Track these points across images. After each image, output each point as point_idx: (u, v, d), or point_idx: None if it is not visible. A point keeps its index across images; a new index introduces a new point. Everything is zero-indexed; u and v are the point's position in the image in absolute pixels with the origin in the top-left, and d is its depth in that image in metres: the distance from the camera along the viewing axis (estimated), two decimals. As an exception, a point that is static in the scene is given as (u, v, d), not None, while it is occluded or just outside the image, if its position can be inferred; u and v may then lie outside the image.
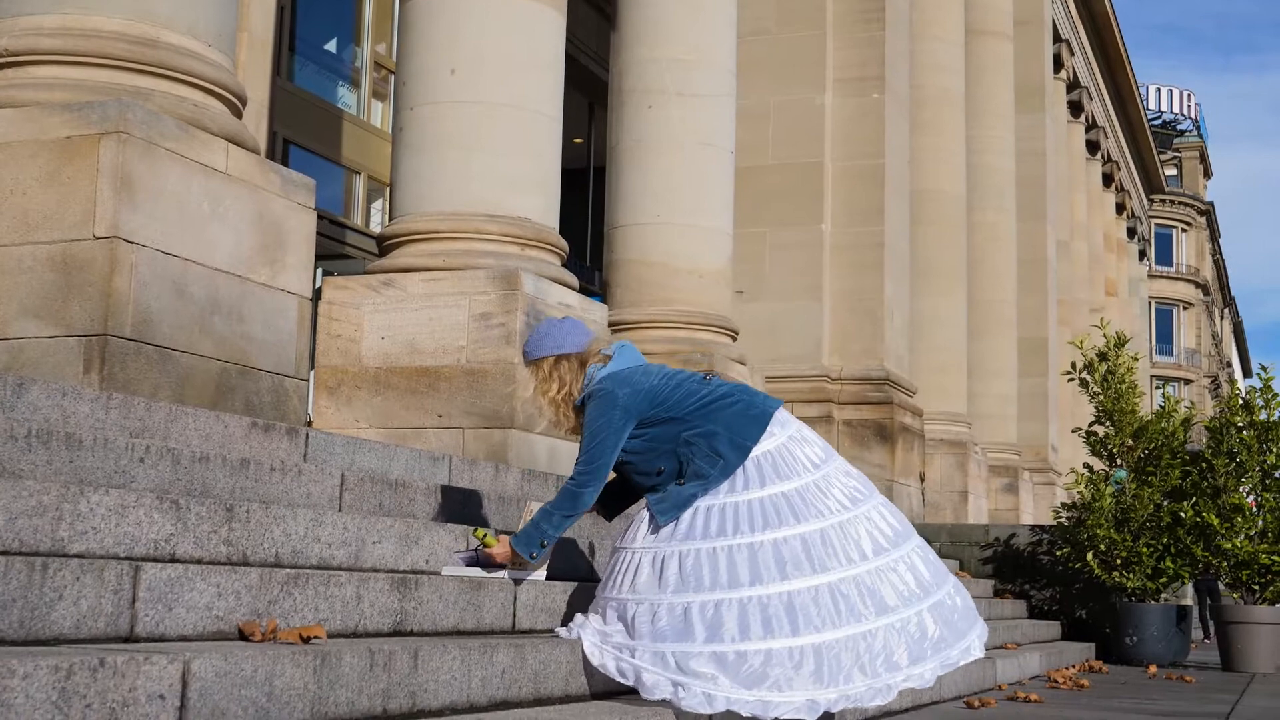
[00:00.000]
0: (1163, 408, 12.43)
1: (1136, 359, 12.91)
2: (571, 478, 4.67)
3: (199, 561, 3.75)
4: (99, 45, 5.62)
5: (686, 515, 4.51)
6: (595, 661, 4.37)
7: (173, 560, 3.66)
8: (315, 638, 3.51)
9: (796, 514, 4.51)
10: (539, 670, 4.14)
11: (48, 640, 3.04)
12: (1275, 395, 11.65)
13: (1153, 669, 10.87)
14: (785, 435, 4.67)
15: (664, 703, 4.28)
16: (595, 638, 4.41)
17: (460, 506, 5.58)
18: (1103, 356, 12.51)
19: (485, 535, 4.74)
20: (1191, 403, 13.38)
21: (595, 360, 4.78)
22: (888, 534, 4.61)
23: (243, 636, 3.49)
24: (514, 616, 4.66)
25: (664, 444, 4.63)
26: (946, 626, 4.56)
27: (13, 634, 2.97)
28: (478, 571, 4.72)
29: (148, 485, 4.13)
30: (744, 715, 4.25)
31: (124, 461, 4.08)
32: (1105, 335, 12.64)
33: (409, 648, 3.63)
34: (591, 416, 4.67)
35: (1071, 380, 12.85)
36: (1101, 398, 12.39)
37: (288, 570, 3.80)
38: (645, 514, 4.60)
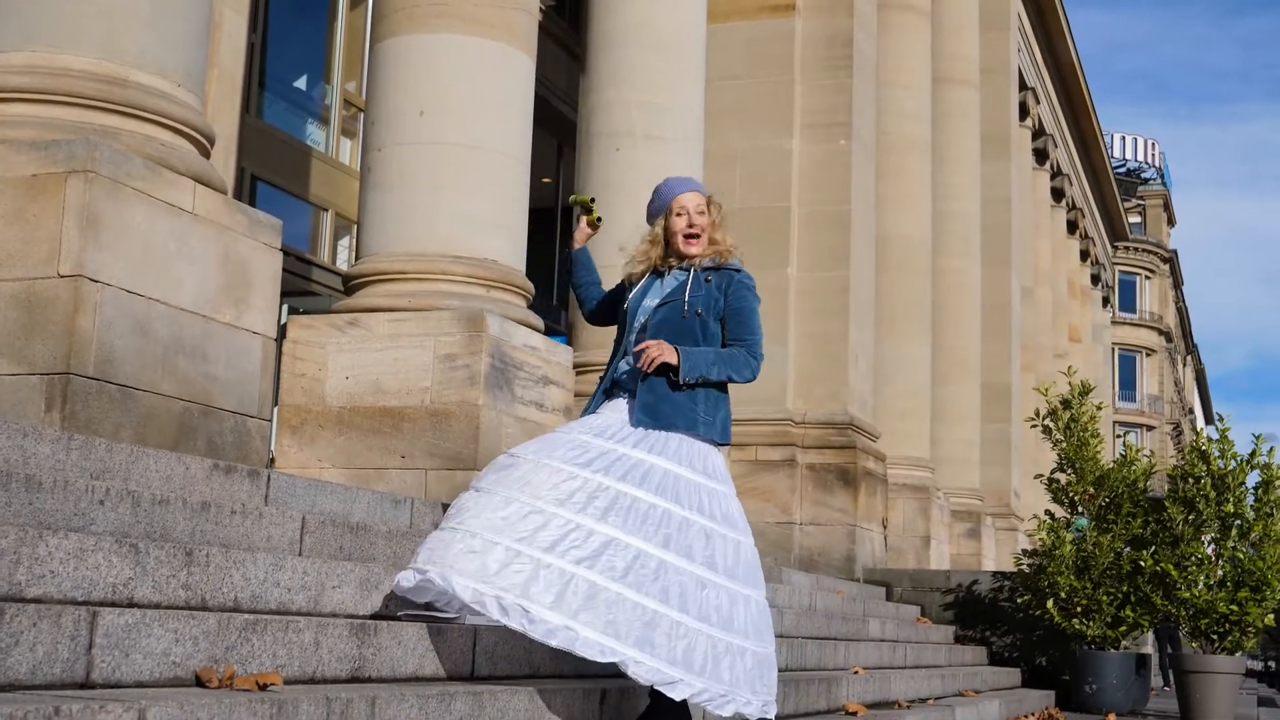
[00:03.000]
0: (1124, 456, 12.51)
1: (1100, 408, 12.99)
2: (752, 353, 4.92)
3: (157, 606, 3.73)
4: (67, 84, 5.62)
5: (611, 453, 4.60)
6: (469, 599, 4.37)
7: (131, 605, 3.65)
8: (271, 685, 3.50)
9: (696, 503, 4.60)
10: (496, 718, 4.13)
11: (3, 686, 3.02)
12: (1231, 445, 11.75)
13: (1111, 717, 10.90)
14: None
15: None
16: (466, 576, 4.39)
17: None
18: (1066, 404, 12.60)
19: (588, 200, 4.95)
20: (1152, 451, 13.44)
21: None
22: (749, 567, 4.67)
23: (200, 683, 3.47)
24: (473, 663, 4.65)
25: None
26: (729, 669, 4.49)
27: (-33, 680, 2.96)
28: (435, 615, 4.72)
29: (107, 528, 4.11)
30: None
31: (84, 504, 4.06)
32: (1070, 383, 12.73)
33: (366, 695, 3.62)
34: (748, 299, 4.98)
35: (1035, 427, 12.93)
36: (1064, 445, 12.47)
37: (246, 616, 3.78)
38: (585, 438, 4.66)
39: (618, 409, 4.83)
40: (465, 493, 4.62)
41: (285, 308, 13.48)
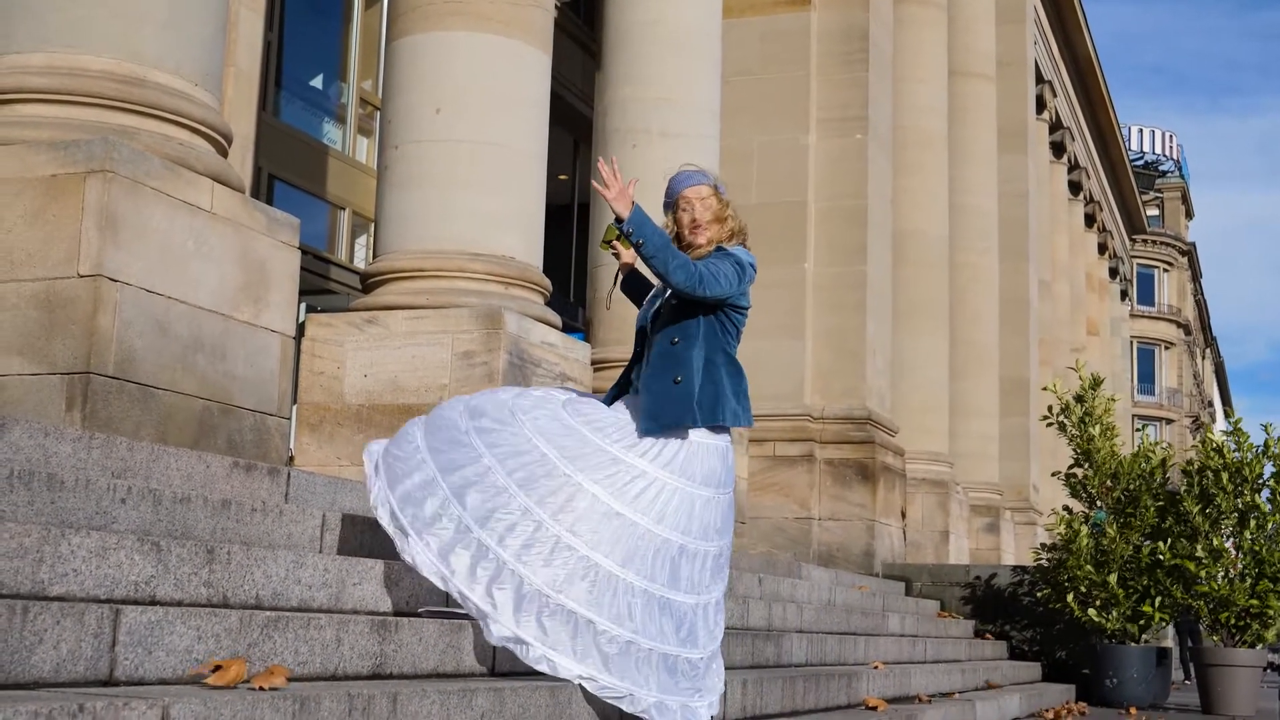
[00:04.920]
0: (1139, 449, 12.46)
1: (1114, 400, 12.95)
2: (701, 268, 4.72)
3: (179, 604, 3.74)
4: (86, 84, 5.64)
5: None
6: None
7: (153, 603, 3.66)
8: (275, 687, 3.47)
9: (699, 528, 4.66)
10: (518, 714, 4.13)
11: (27, 684, 3.04)
12: (1246, 436, 11.71)
13: (1133, 711, 10.87)
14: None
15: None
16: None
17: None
18: (1079, 399, 12.56)
19: (614, 233, 4.92)
20: (1169, 444, 13.41)
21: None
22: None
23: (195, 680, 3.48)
24: (493, 659, 4.65)
25: (708, 342, 4.82)
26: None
27: (-8, 677, 2.97)
28: (456, 611, 4.73)
29: (129, 527, 4.13)
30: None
31: (105, 502, 4.07)
32: (1081, 377, 12.70)
33: (388, 691, 3.63)
34: (722, 259, 4.83)
35: (1050, 425, 12.89)
36: (1079, 439, 12.44)
37: (268, 613, 3.79)
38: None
39: (629, 407, 4.84)
40: (480, 471, 4.57)
41: (303, 306, 13.52)
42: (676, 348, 4.79)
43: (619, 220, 4.68)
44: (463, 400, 4.79)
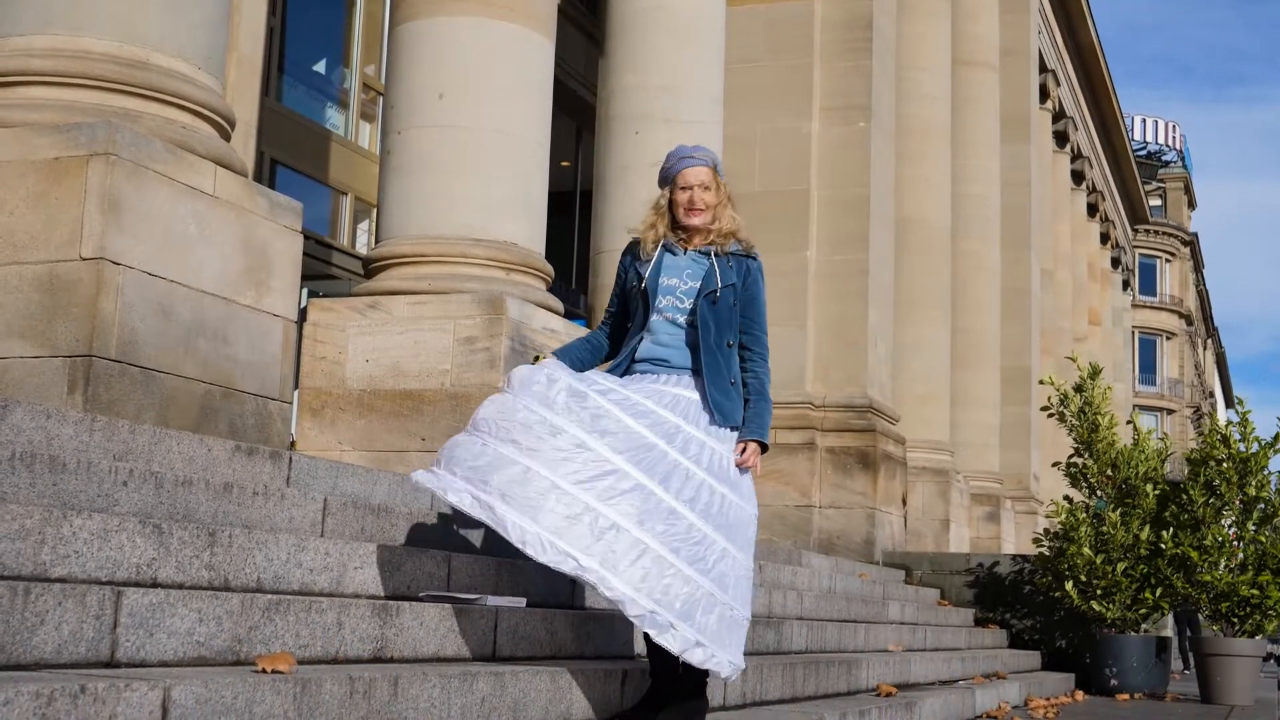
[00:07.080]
0: (1135, 440, 12.46)
1: (1110, 388, 12.95)
2: (764, 356, 4.95)
3: (181, 586, 3.75)
4: (89, 67, 5.63)
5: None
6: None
7: (155, 585, 3.67)
8: (278, 670, 3.48)
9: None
10: (519, 699, 4.14)
11: (29, 665, 3.04)
12: (1253, 428, 11.71)
13: (1131, 699, 10.89)
14: None
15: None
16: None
17: (442, 532, 5.59)
18: (1078, 389, 12.56)
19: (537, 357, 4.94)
20: (1165, 434, 13.41)
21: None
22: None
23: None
24: (494, 644, 4.66)
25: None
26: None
27: (-6, 658, 2.98)
28: (457, 596, 4.73)
29: (131, 509, 4.13)
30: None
31: (107, 485, 4.08)
32: (1079, 368, 12.70)
33: (389, 675, 3.63)
34: (762, 290, 4.95)
35: (1051, 416, 12.89)
36: (1080, 429, 12.44)
37: (269, 596, 3.80)
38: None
39: (647, 390, 4.82)
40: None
41: (305, 291, 13.52)
42: (733, 350, 4.87)
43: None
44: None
